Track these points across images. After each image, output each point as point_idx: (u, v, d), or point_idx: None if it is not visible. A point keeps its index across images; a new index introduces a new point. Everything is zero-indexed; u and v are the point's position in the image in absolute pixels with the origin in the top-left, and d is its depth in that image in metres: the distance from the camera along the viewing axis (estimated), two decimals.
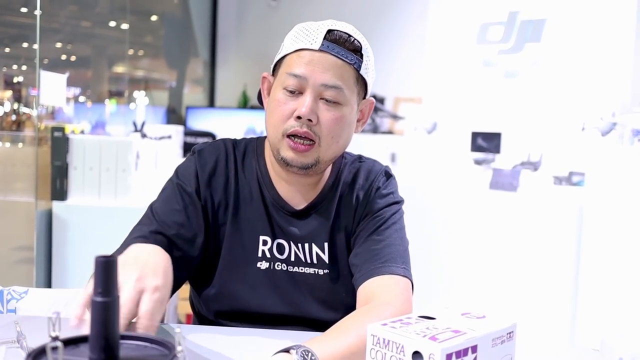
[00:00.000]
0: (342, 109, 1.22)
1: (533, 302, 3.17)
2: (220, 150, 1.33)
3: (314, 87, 1.20)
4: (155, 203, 1.28)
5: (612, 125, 3.24)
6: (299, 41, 1.22)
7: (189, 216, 1.25)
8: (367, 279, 1.21)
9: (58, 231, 2.89)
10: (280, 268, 1.30)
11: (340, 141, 1.26)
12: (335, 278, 1.31)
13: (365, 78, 1.26)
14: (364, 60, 1.24)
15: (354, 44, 1.22)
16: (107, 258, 0.61)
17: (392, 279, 1.20)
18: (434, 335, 0.81)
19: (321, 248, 1.30)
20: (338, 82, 1.20)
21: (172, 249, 1.21)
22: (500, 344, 0.85)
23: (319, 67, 1.19)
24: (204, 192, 1.28)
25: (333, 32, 1.21)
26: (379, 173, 1.37)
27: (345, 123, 1.24)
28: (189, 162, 1.32)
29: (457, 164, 3.98)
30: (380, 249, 1.26)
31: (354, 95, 1.25)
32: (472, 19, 4.17)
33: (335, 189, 1.34)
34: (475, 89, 4.14)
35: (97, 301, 0.61)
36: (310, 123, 1.20)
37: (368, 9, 5.10)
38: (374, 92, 4.78)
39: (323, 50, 1.19)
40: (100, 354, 0.61)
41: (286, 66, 1.23)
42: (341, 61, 1.20)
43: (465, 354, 0.80)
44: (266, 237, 1.30)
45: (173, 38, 5.73)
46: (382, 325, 0.85)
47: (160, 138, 3.53)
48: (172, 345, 0.66)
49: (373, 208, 1.32)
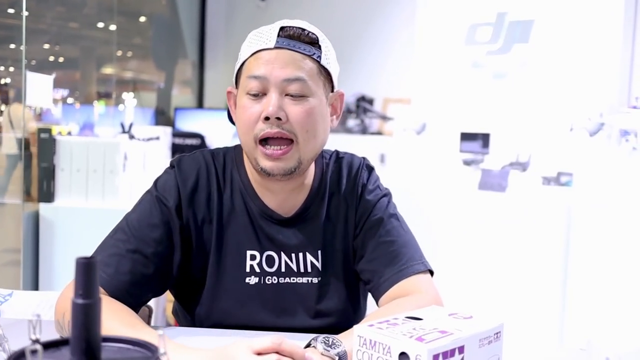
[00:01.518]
0: (310, 100, 1.19)
1: (522, 302, 3.18)
2: (201, 164, 1.28)
3: (276, 84, 1.17)
4: (132, 215, 1.23)
5: (600, 125, 3.25)
6: (254, 45, 1.20)
7: (166, 232, 1.21)
8: (395, 283, 1.22)
9: (45, 233, 2.86)
10: (271, 282, 1.26)
11: (317, 136, 1.22)
12: (328, 284, 1.28)
13: (328, 69, 1.23)
14: (322, 50, 1.21)
15: (310, 36, 1.20)
16: (88, 259, 0.60)
17: (417, 278, 1.22)
18: (421, 336, 0.80)
19: (315, 256, 1.28)
20: (300, 74, 1.17)
21: (149, 266, 1.18)
22: (487, 344, 0.85)
23: (277, 64, 1.17)
24: (186, 211, 1.23)
25: (286, 28, 1.19)
26: (360, 167, 1.34)
27: (317, 115, 1.20)
28: (169, 175, 1.26)
29: (446, 164, 3.99)
30: (396, 250, 1.25)
31: (319, 87, 1.21)
32: (461, 20, 4.18)
33: (322, 191, 1.31)
34: (464, 89, 4.15)
35: (78, 303, 0.60)
36: (280, 122, 1.17)
37: (357, 10, 5.10)
38: (363, 93, 4.78)
39: (279, 47, 1.17)
40: (82, 356, 0.60)
41: (246, 71, 1.20)
42: (299, 54, 1.18)
43: (452, 354, 0.80)
44: (254, 252, 1.26)
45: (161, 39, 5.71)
46: (368, 326, 0.85)
47: (148, 139, 3.52)
48: (155, 348, 0.65)
49: (367, 207, 1.30)
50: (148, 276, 1.19)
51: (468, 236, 3.45)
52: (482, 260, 3.37)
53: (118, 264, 1.17)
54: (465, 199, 3.53)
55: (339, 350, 0.98)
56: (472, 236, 3.43)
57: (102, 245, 1.21)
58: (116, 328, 1.01)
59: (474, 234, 3.43)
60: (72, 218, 2.87)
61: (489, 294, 3.32)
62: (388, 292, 1.22)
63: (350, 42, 5.02)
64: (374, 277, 1.25)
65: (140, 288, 1.19)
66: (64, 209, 2.88)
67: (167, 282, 1.25)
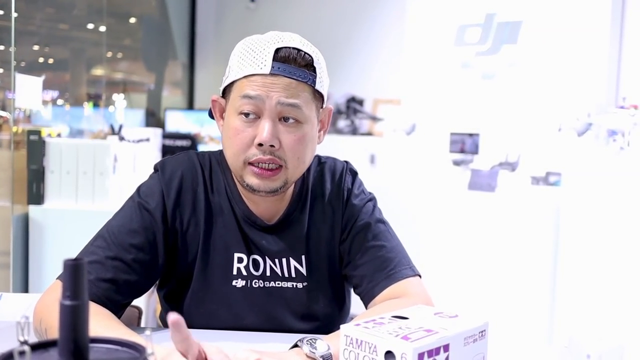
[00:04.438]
0: (303, 127, 1.18)
1: (511, 301, 3.20)
2: (185, 164, 1.27)
3: (271, 109, 1.15)
4: (112, 221, 1.22)
5: (588, 125, 3.28)
6: (247, 65, 1.16)
7: (147, 238, 1.20)
8: (386, 287, 1.22)
9: (35, 235, 2.85)
10: (258, 285, 1.26)
11: (306, 161, 1.22)
12: (315, 289, 1.28)
13: (321, 91, 1.21)
14: (317, 73, 1.18)
15: (305, 58, 1.16)
16: (76, 261, 0.61)
17: (407, 282, 1.23)
18: (406, 335, 0.81)
19: (299, 261, 1.28)
20: (295, 101, 1.15)
21: (130, 272, 1.18)
22: (472, 343, 0.86)
23: (273, 90, 1.14)
24: (172, 213, 1.22)
25: (281, 50, 1.15)
26: (343, 172, 1.34)
27: (308, 141, 1.20)
28: (153, 180, 1.25)
29: (436, 165, 4.01)
30: (384, 255, 1.26)
31: (312, 111, 1.20)
32: (450, 21, 4.20)
33: (304, 197, 1.31)
34: (453, 90, 4.16)
35: (66, 304, 0.61)
36: (272, 149, 1.16)
37: (346, 10, 5.11)
38: (353, 94, 4.79)
39: (275, 74, 1.14)
40: (70, 357, 0.61)
41: (238, 90, 1.17)
42: (295, 81, 1.15)
43: (437, 352, 0.81)
44: (241, 254, 1.25)
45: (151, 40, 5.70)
46: (355, 325, 0.86)
47: (138, 141, 3.51)
48: (143, 348, 0.65)
49: (354, 211, 1.30)
50: (128, 282, 1.18)
51: (458, 236, 3.47)
52: (471, 259, 3.39)
53: (98, 271, 1.16)
54: (455, 199, 3.55)
55: (324, 352, 0.99)
56: (462, 236, 3.45)
57: (83, 252, 1.20)
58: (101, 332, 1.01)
59: (464, 233, 3.44)
60: (62, 220, 2.86)
61: (478, 293, 3.33)
62: (379, 296, 1.23)
63: (340, 43, 5.03)
64: (363, 281, 1.26)
65: (121, 294, 1.18)
66: (53, 211, 2.87)
67: (148, 286, 1.24)
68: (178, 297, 1.28)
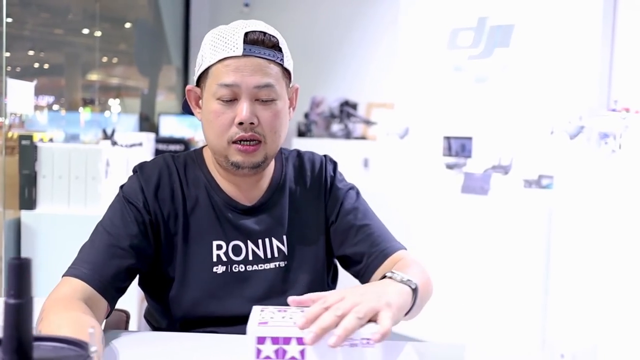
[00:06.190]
0: (277, 103, 1.27)
1: (503, 303, 3.20)
2: (162, 165, 1.35)
3: (247, 91, 1.24)
4: (104, 217, 1.29)
5: (580, 128, 3.29)
6: (220, 50, 1.26)
7: (139, 227, 1.27)
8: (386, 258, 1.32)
9: (27, 240, 2.86)
10: (238, 270, 1.31)
11: (282, 135, 1.32)
12: (297, 268, 1.35)
13: (289, 69, 1.31)
14: (283, 52, 1.29)
15: (271, 40, 1.27)
16: (20, 261, 0.61)
17: (403, 252, 1.34)
18: (267, 321, 0.93)
19: (280, 241, 1.35)
20: (269, 80, 1.25)
21: (127, 257, 1.23)
22: (349, 347, 0.90)
23: (247, 72, 1.24)
24: (152, 205, 1.29)
25: (250, 33, 1.25)
26: (324, 162, 1.44)
27: (282, 116, 1.30)
28: (132, 180, 1.33)
29: (429, 168, 4.02)
30: (376, 232, 1.36)
31: (283, 88, 1.30)
32: (443, 25, 4.22)
33: (283, 182, 1.39)
34: (446, 94, 4.18)
35: (10, 303, 0.61)
36: (252, 126, 1.25)
37: (339, 15, 5.12)
38: (347, 98, 4.80)
39: (247, 55, 1.24)
40: (13, 355, 0.61)
41: (214, 77, 1.27)
42: (266, 60, 1.25)
43: (287, 342, 0.89)
44: (220, 242, 1.32)
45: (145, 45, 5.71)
46: (267, 312, 0.99)
47: (131, 145, 3.52)
48: (87, 345, 0.66)
49: (339, 195, 1.40)
50: (127, 267, 1.24)
51: (451, 239, 3.48)
52: (464, 262, 3.40)
53: (96, 259, 1.21)
54: (448, 202, 3.56)
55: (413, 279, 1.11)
56: (455, 239, 3.46)
57: (81, 250, 1.25)
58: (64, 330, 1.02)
59: (457, 236, 3.45)
60: (54, 225, 2.86)
61: (471, 295, 3.34)
62: (381, 267, 1.31)
63: (334, 47, 5.05)
64: (363, 258, 1.34)
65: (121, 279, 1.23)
66: (46, 216, 2.87)
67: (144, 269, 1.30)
68: (163, 290, 1.32)
